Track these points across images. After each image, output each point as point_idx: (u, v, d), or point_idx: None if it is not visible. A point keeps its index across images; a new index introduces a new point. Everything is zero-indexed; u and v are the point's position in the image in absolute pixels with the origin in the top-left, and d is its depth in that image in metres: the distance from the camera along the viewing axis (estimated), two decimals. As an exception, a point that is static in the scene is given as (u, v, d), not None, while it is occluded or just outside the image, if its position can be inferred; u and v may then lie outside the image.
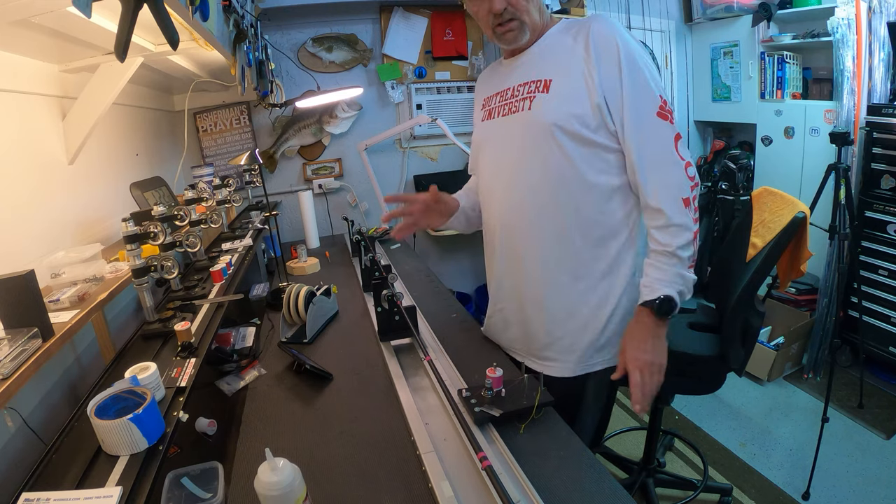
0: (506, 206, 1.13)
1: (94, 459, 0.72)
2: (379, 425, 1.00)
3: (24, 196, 1.18)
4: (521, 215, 1.10)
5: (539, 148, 1.04)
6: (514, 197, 1.11)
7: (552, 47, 1.07)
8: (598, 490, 0.78)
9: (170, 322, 1.14)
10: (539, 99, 1.04)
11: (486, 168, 1.20)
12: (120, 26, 0.64)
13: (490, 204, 1.20)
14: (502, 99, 1.13)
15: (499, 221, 1.16)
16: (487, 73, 1.26)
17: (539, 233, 1.09)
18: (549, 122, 1.01)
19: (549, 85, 1.04)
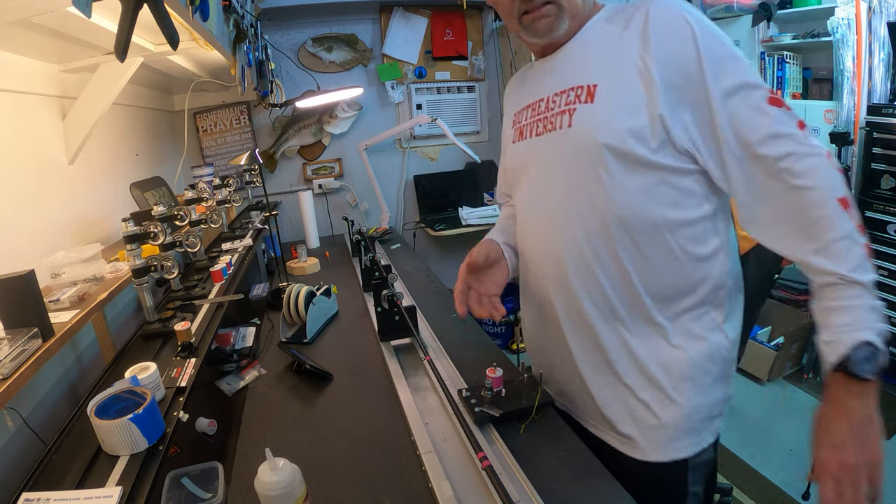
0: (549, 257, 0.88)
1: (94, 459, 0.72)
2: (379, 425, 1.00)
3: (24, 196, 1.18)
4: (569, 268, 0.85)
5: (584, 177, 0.80)
6: (557, 244, 0.86)
7: (596, 41, 0.83)
8: (598, 490, 0.78)
9: (170, 322, 1.14)
10: (581, 111, 0.80)
11: (521, 205, 0.96)
12: (120, 26, 0.64)
13: (529, 251, 0.95)
14: (535, 113, 0.89)
15: (542, 272, 0.91)
16: (517, 82, 1.02)
17: (594, 288, 0.83)
18: (597, 141, 0.77)
19: (593, 91, 0.79)
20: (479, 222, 2.76)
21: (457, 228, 2.72)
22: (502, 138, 1.06)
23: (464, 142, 2.57)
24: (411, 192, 3.02)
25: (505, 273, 0.99)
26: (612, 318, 0.84)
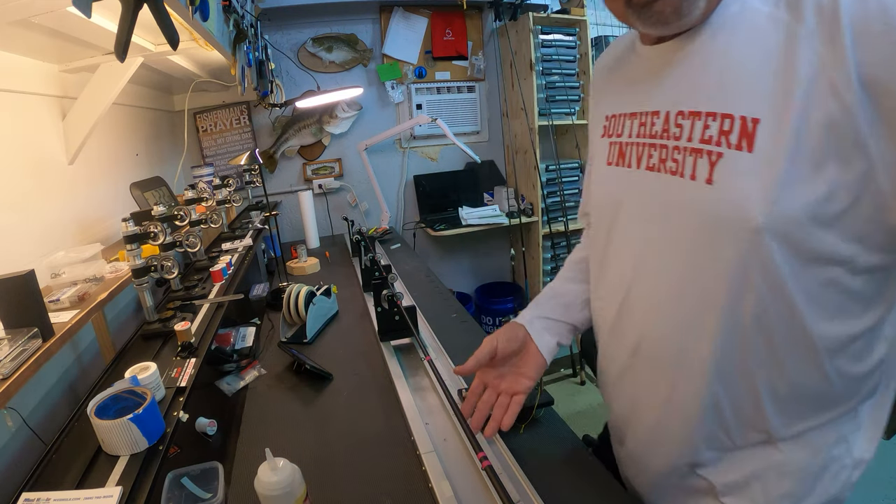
0: (649, 334, 0.66)
1: (94, 459, 0.72)
2: (379, 425, 1.00)
3: (25, 196, 1.18)
4: (672, 353, 0.64)
5: (721, 269, 0.56)
6: (657, 323, 0.65)
7: (748, 34, 0.53)
8: (598, 490, 0.78)
9: (170, 322, 1.14)
10: (730, 163, 0.53)
11: (613, 250, 0.71)
12: (120, 26, 0.64)
13: (613, 310, 0.71)
14: (645, 131, 0.63)
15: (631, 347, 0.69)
16: (611, 65, 0.74)
17: (701, 385, 0.61)
18: (754, 223, 0.51)
19: (752, 131, 0.51)
20: (479, 222, 2.76)
21: (457, 228, 2.72)
22: (589, 132, 0.80)
23: (464, 142, 2.57)
24: (411, 192, 3.02)
25: (537, 362, 0.79)
26: (714, 418, 0.62)
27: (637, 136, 0.65)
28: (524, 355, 0.80)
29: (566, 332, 0.83)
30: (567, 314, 0.84)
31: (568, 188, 2.89)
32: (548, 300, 0.85)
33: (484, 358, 0.77)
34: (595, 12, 2.91)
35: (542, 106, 2.71)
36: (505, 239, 3.24)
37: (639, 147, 0.64)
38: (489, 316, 3.04)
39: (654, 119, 0.62)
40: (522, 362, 0.79)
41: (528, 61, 2.64)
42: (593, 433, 1.01)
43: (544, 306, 0.83)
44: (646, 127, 0.63)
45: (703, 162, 0.55)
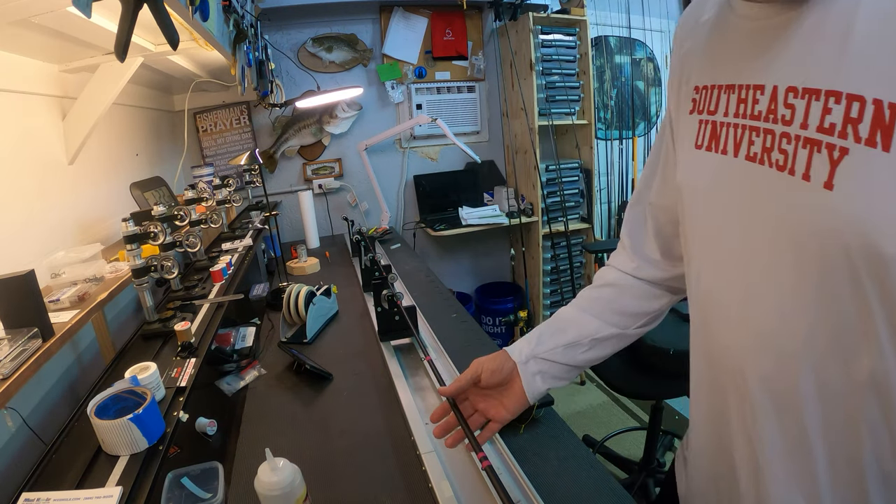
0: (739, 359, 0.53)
1: (94, 459, 0.72)
2: (379, 425, 1.00)
3: (25, 196, 1.18)
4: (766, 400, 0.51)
5: (838, 306, 0.43)
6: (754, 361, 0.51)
7: None
8: (598, 490, 0.78)
9: (170, 322, 1.14)
10: (857, 162, 0.40)
11: (699, 254, 0.58)
12: (120, 26, 0.64)
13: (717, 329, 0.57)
14: (745, 110, 0.50)
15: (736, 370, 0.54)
16: (701, 19, 0.58)
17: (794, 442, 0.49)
18: (890, 254, 0.39)
19: (892, 122, 0.37)
20: (479, 222, 2.76)
21: (457, 228, 2.72)
22: (668, 104, 0.64)
23: (464, 142, 2.57)
24: (411, 192, 3.02)
25: (519, 401, 0.72)
26: (805, 477, 0.49)
27: (735, 116, 0.50)
28: (508, 389, 0.73)
29: (564, 374, 0.74)
30: (568, 355, 0.73)
31: (568, 188, 2.89)
32: (552, 335, 0.74)
33: (466, 385, 0.73)
34: (595, 12, 2.91)
35: (542, 106, 2.71)
36: (505, 239, 3.24)
37: (737, 129, 0.50)
38: (489, 316, 3.04)
39: (756, 94, 0.47)
40: (506, 394, 0.73)
41: (528, 61, 2.64)
42: (593, 433, 1.01)
43: (546, 343, 0.73)
44: (746, 104, 0.49)
45: (820, 159, 0.41)
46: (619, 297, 0.74)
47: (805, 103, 0.43)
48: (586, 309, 0.75)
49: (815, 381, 0.46)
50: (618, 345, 0.75)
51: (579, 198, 2.97)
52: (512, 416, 0.73)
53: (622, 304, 0.74)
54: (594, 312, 0.74)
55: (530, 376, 0.72)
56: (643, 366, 1.51)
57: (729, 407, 0.55)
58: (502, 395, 0.73)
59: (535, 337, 0.75)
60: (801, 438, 0.48)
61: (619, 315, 0.74)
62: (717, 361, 0.56)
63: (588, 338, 0.73)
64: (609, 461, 1.99)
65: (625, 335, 0.74)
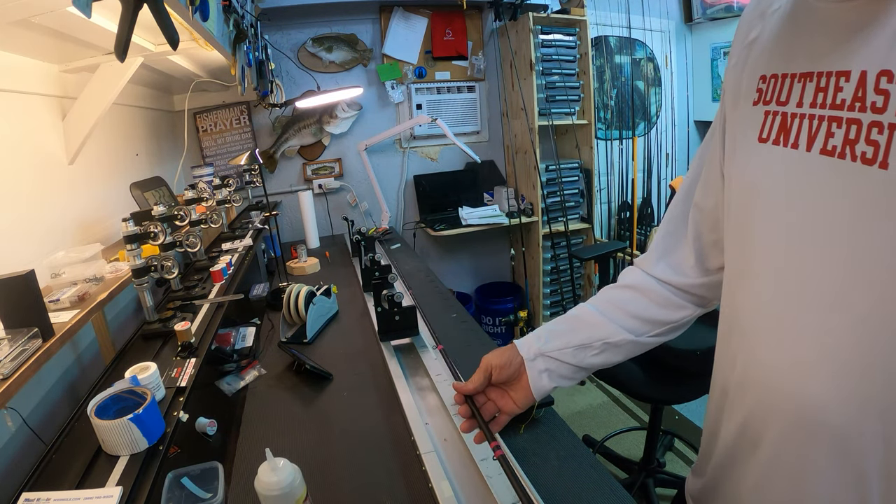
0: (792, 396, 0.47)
1: (94, 459, 0.72)
2: (379, 425, 1.00)
3: (25, 196, 1.18)
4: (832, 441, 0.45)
5: None
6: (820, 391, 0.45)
7: None
8: (598, 490, 0.78)
9: (170, 322, 1.14)
10: None
11: (753, 260, 0.52)
12: (120, 26, 0.64)
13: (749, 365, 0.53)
14: (824, 99, 0.45)
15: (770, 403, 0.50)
16: (772, 14, 0.53)
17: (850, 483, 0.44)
18: None
19: None
20: (479, 222, 2.76)
21: (457, 228, 2.72)
22: (724, 100, 0.59)
23: (464, 142, 2.57)
24: (411, 192, 3.02)
25: (526, 396, 0.71)
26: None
27: (811, 106, 0.45)
28: (517, 383, 0.72)
29: (571, 374, 0.72)
30: (577, 356, 0.70)
31: (568, 188, 2.89)
32: (562, 334, 0.72)
33: (480, 385, 0.72)
34: (595, 12, 2.91)
35: (542, 106, 2.71)
36: (505, 239, 3.24)
37: (812, 121, 0.45)
38: (489, 316, 3.04)
39: (841, 81, 0.42)
40: (514, 388, 0.73)
41: (528, 61, 2.64)
42: (593, 433, 1.00)
43: (555, 341, 0.71)
44: (826, 93, 0.44)
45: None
46: (639, 300, 0.71)
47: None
48: (603, 311, 0.72)
49: (883, 418, 0.41)
50: (630, 352, 0.71)
51: (579, 198, 2.97)
52: (521, 409, 0.73)
53: (641, 308, 0.70)
54: (610, 315, 0.71)
55: (537, 374, 0.70)
56: (665, 369, 1.50)
57: (766, 431, 0.50)
58: (511, 388, 0.73)
59: (545, 333, 0.72)
60: (857, 477, 0.43)
61: (635, 320, 0.70)
62: (758, 382, 0.51)
63: (600, 341, 0.70)
64: (609, 461, 1.99)
65: (638, 343, 0.70)
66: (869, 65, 0.40)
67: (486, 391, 0.74)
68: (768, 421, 0.50)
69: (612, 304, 0.73)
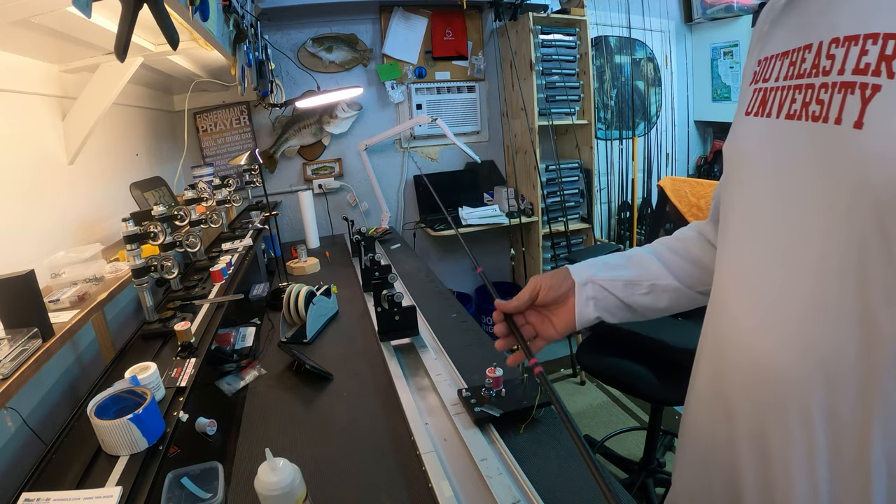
0: (754, 358, 0.50)
1: (94, 459, 0.72)
2: (379, 425, 1.00)
3: (25, 196, 1.18)
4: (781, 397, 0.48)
5: (863, 258, 0.41)
6: (772, 349, 0.48)
7: None
8: (598, 490, 0.78)
9: (170, 322, 1.14)
10: (890, 100, 0.39)
11: (734, 227, 0.56)
12: (120, 26, 0.64)
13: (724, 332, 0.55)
14: (793, 71, 0.49)
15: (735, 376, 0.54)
16: (779, 7, 0.55)
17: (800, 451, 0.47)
18: None
19: None
20: (479, 222, 2.76)
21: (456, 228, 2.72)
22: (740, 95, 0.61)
23: (464, 142, 2.57)
24: (411, 192, 3.02)
25: (568, 322, 0.71)
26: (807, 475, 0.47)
27: (784, 79, 0.50)
28: (562, 308, 0.71)
29: (617, 310, 0.71)
30: (626, 291, 0.70)
31: (568, 188, 2.89)
32: (615, 267, 0.72)
33: (524, 304, 0.71)
34: (595, 12, 2.91)
35: (542, 106, 2.71)
36: (505, 239, 3.24)
37: (783, 91, 0.49)
38: (489, 316, 3.04)
39: (805, 54, 0.47)
40: (557, 313, 0.71)
41: (528, 61, 2.64)
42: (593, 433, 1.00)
43: (606, 273, 0.71)
44: (795, 65, 0.48)
45: (853, 100, 0.41)
46: (689, 252, 0.72)
47: (844, 50, 0.42)
48: (655, 254, 0.73)
49: (829, 350, 0.43)
50: (675, 300, 0.71)
51: (579, 198, 2.97)
52: (559, 337, 0.72)
53: (692, 252, 0.71)
54: (661, 259, 0.73)
55: (584, 300, 0.70)
56: (666, 369, 1.49)
57: (729, 385, 0.54)
58: (554, 312, 0.72)
59: (599, 263, 0.73)
60: (804, 418, 0.46)
61: (683, 269, 0.71)
62: (726, 339, 0.55)
63: (648, 281, 0.71)
64: (609, 461, 1.99)
65: (683, 292, 0.70)
66: (823, 36, 0.45)
67: (525, 314, 0.73)
68: (730, 375, 0.54)
69: (664, 250, 0.74)
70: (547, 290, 0.70)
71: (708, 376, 0.59)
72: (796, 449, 0.47)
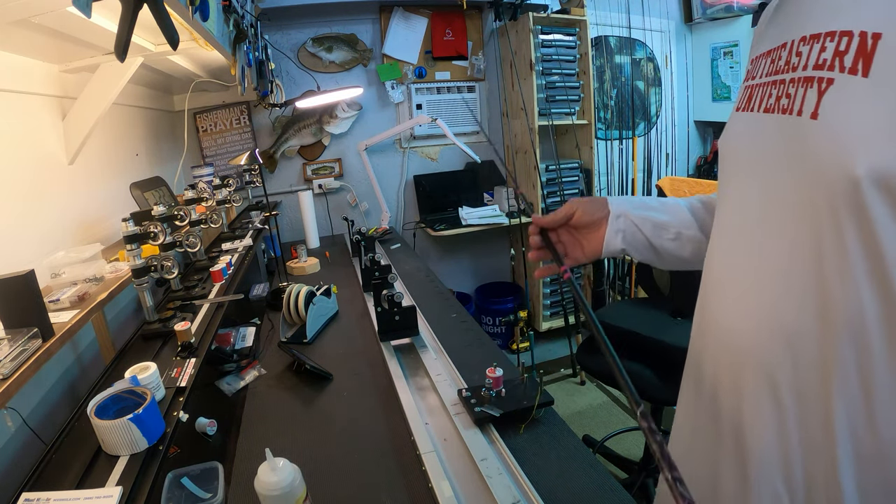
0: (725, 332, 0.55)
1: (94, 459, 0.72)
2: (379, 425, 1.00)
3: (25, 196, 1.18)
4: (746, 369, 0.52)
5: (816, 239, 0.44)
6: (740, 323, 0.52)
7: None
8: (598, 490, 0.78)
9: (170, 322, 1.14)
10: (840, 90, 0.42)
11: (721, 213, 0.60)
12: (120, 26, 0.64)
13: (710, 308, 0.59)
14: (773, 68, 0.52)
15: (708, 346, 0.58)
16: (771, 11, 0.59)
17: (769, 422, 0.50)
18: (857, 172, 0.40)
19: (871, 50, 0.40)
20: (478, 222, 2.76)
21: (457, 228, 2.72)
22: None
23: (464, 142, 2.57)
24: (411, 192, 3.02)
25: (595, 248, 0.74)
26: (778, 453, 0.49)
27: (766, 76, 0.53)
28: (591, 233, 0.74)
29: (641, 248, 0.74)
30: (654, 232, 0.73)
31: (568, 188, 2.89)
32: (649, 209, 0.74)
33: (560, 220, 0.74)
34: (595, 12, 2.91)
35: (542, 106, 2.71)
36: (505, 239, 3.24)
37: (764, 87, 0.53)
38: (489, 316, 3.04)
39: (781, 52, 0.51)
40: (586, 237, 0.75)
41: (528, 61, 2.64)
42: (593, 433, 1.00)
43: (639, 211, 0.73)
44: (774, 63, 0.52)
45: (812, 93, 0.44)
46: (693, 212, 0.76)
47: (809, 48, 0.46)
48: (689, 206, 0.76)
49: (791, 325, 0.47)
50: (698, 253, 0.71)
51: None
52: (586, 260, 0.76)
53: None
54: (693, 211, 0.75)
55: (614, 231, 0.73)
56: (667, 369, 1.49)
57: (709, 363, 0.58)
58: (585, 236, 0.75)
59: (636, 201, 0.76)
60: (773, 391, 0.49)
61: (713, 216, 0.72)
62: (710, 322, 0.59)
63: (676, 228, 0.73)
64: (609, 461, 1.99)
65: (707, 246, 0.71)
66: (795, 34, 0.49)
67: (558, 232, 0.77)
68: (713, 354, 0.57)
69: (697, 204, 0.76)
70: (582, 213, 0.73)
71: (695, 357, 0.63)
72: (768, 424, 0.50)
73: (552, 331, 3.04)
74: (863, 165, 0.39)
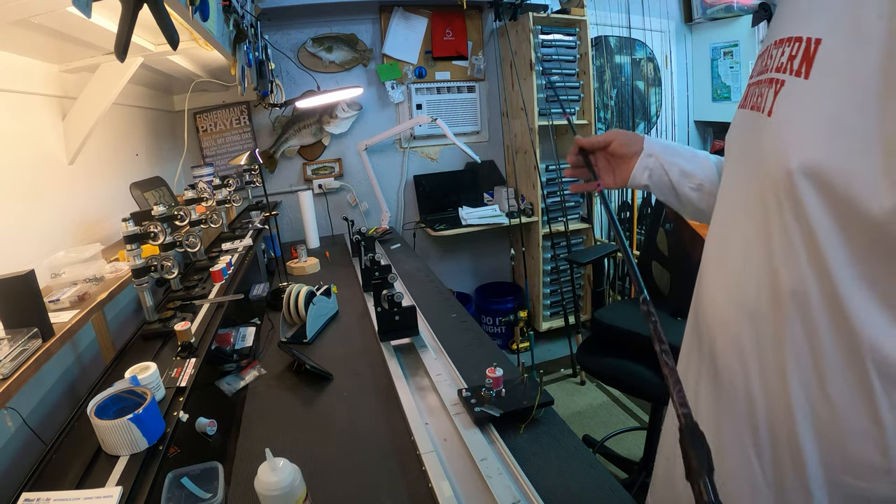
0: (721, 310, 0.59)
1: (94, 459, 0.72)
2: (379, 425, 1.00)
3: (25, 196, 1.18)
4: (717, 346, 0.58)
5: (765, 226, 0.50)
6: (716, 305, 0.59)
7: None
8: (598, 490, 0.78)
9: (170, 322, 1.14)
10: (789, 90, 0.47)
11: (716, 202, 0.65)
12: (120, 26, 0.64)
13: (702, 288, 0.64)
14: (760, 68, 0.56)
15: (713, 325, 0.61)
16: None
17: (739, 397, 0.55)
18: (791, 166, 0.44)
19: (812, 54, 0.45)
20: (479, 222, 2.76)
21: (457, 228, 2.72)
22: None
23: (464, 142, 2.57)
24: (411, 192, 3.02)
25: (622, 177, 0.80)
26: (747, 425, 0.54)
27: (756, 75, 0.58)
28: (624, 164, 0.80)
29: (664, 189, 0.79)
30: (678, 179, 0.78)
31: (568, 188, 2.89)
32: (678, 155, 0.79)
33: (599, 144, 0.80)
34: (595, 12, 2.91)
35: (542, 106, 2.71)
36: (505, 239, 3.24)
37: (753, 86, 0.57)
38: (489, 316, 3.04)
39: (765, 54, 0.56)
40: (620, 167, 0.81)
41: (528, 61, 2.64)
42: (593, 433, 1.00)
43: (669, 156, 0.78)
44: (762, 62, 0.56)
45: (770, 93, 0.50)
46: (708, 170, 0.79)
47: (780, 50, 0.51)
48: (717, 163, 0.79)
49: (752, 303, 0.52)
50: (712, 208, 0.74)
51: (579, 198, 2.97)
52: (614, 186, 0.82)
53: None
54: (719, 168, 0.78)
55: (642, 168, 0.79)
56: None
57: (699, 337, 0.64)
58: (617, 165, 0.81)
59: (671, 146, 0.80)
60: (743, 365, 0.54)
61: None
62: (699, 302, 0.64)
63: (699, 180, 0.77)
64: (609, 461, 1.99)
65: None
66: (775, 37, 0.53)
67: (596, 155, 0.82)
68: (698, 321, 0.64)
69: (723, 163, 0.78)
70: (618, 144, 0.79)
71: (690, 325, 0.69)
72: (738, 386, 0.55)
73: (552, 331, 3.04)
74: (796, 159, 0.44)
